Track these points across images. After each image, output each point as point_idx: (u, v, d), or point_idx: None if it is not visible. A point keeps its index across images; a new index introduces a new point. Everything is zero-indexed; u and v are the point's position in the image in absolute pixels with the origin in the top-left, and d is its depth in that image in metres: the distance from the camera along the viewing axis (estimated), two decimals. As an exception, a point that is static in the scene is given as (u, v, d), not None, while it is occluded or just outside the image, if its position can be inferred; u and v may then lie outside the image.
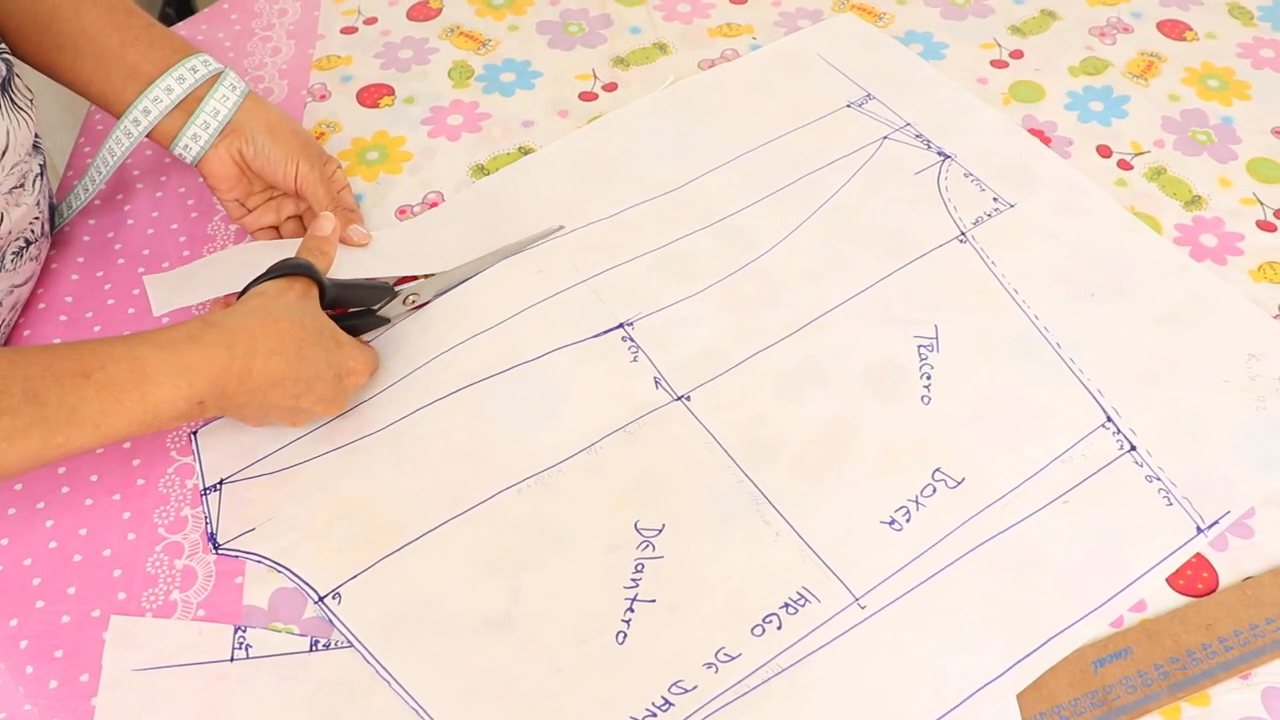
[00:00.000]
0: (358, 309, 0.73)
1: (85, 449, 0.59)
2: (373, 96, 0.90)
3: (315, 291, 0.68)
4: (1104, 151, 0.86)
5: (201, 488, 0.67)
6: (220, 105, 0.73)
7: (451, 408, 0.70)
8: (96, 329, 0.75)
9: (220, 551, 0.65)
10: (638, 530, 0.65)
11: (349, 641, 0.61)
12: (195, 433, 0.70)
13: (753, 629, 0.62)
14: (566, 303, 0.75)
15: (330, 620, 0.62)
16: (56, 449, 0.57)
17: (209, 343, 0.62)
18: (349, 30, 0.96)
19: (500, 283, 0.76)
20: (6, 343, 0.74)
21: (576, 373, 0.72)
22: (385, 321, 0.74)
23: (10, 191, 0.70)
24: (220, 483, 0.68)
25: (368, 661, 0.60)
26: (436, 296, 0.76)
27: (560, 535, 0.65)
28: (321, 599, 0.62)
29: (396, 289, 0.74)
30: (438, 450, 0.68)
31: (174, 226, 0.81)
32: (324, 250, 0.70)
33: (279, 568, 0.64)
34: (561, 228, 0.80)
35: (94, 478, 0.68)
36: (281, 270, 0.67)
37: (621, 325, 0.74)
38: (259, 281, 0.67)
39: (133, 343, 0.60)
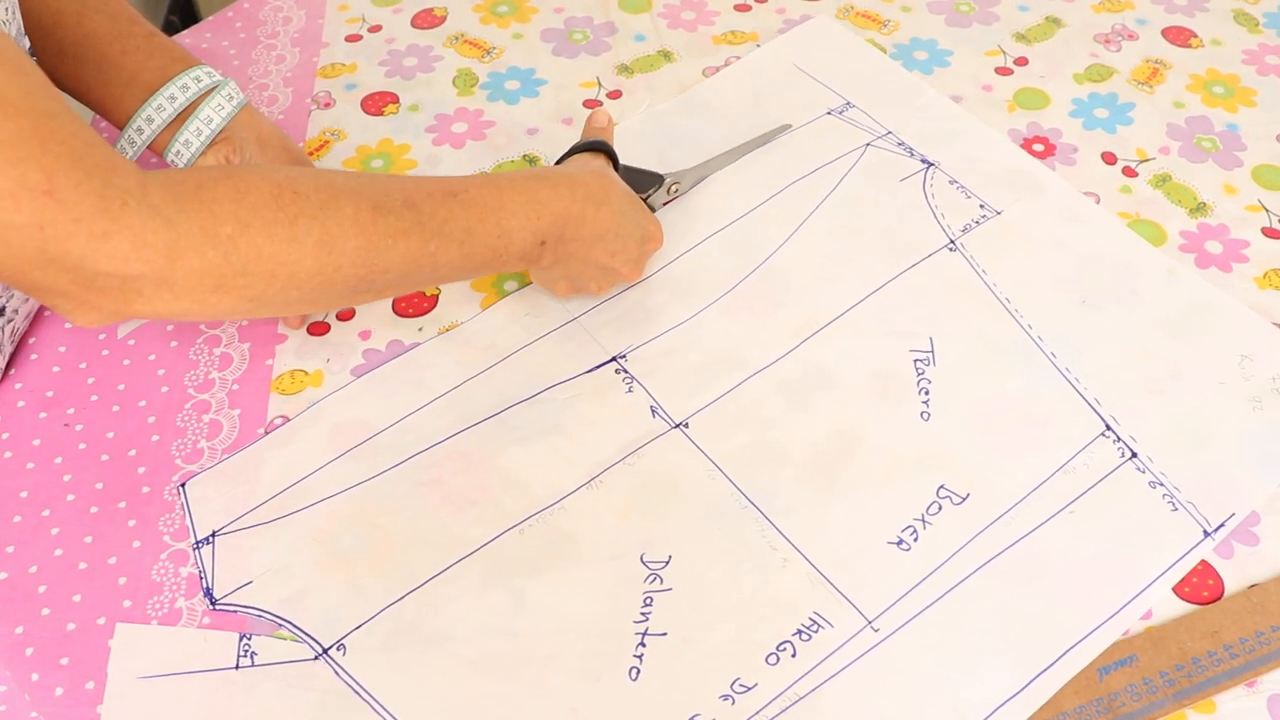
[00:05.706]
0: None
1: (450, 268, 0.63)
2: (377, 104, 0.91)
3: (612, 166, 0.75)
4: (1109, 158, 0.86)
5: (193, 541, 0.66)
6: (215, 114, 0.73)
7: (445, 453, 0.69)
8: (100, 336, 0.75)
9: (218, 607, 0.63)
10: (644, 563, 0.65)
11: (357, 694, 0.60)
12: (184, 484, 0.68)
13: (767, 658, 0.61)
14: (558, 343, 0.74)
15: (336, 673, 0.61)
16: (429, 258, 0.61)
17: (555, 183, 0.67)
18: (353, 38, 0.96)
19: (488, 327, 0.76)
20: (15, 351, 0.74)
21: (571, 409, 0.71)
22: (651, 209, 0.78)
23: None
24: (213, 535, 0.66)
25: (377, 712, 0.59)
26: (691, 187, 0.83)
27: (565, 573, 0.64)
28: (326, 651, 0.61)
29: (663, 177, 0.79)
30: (435, 496, 0.67)
31: (180, 234, 0.82)
32: (606, 137, 0.75)
33: (281, 622, 0.62)
34: (789, 125, 0.86)
35: (99, 485, 0.68)
36: (581, 147, 0.74)
37: (614, 359, 0.74)
38: (562, 160, 0.73)
39: (488, 176, 0.66)
